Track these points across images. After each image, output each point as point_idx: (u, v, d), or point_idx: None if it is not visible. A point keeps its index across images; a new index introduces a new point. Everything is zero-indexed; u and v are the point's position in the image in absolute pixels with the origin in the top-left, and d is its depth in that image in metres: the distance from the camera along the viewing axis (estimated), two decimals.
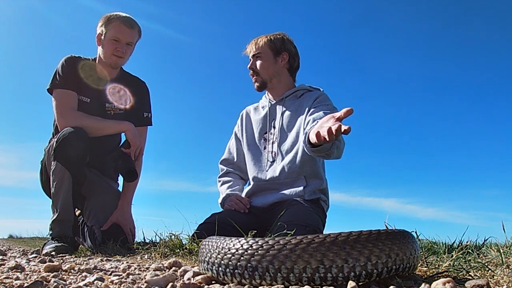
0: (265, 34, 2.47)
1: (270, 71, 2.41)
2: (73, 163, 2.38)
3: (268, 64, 2.41)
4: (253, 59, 2.44)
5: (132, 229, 2.69)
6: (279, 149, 2.33)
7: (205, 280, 1.04)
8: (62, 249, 2.29)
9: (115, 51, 2.60)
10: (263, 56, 2.41)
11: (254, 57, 2.43)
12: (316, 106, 2.25)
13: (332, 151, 1.88)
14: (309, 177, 2.27)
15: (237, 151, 2.57)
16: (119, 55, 2.62)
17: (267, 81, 2.43)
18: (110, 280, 1.11)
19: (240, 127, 2.60)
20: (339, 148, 1.96)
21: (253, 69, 2.43)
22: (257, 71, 2.42)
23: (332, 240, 0.89)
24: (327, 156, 1.93)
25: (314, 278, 0.87)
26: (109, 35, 2.59)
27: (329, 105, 2.26)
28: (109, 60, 2.64)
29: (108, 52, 2.62)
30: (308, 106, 2.30)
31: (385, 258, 0.91)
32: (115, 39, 2.59)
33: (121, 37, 2.59)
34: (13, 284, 1.01)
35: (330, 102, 2.33)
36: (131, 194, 2.76)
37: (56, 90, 2.57)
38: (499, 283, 1.02)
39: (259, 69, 2.41)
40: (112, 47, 2.60)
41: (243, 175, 2.57)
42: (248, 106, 2.66)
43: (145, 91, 2.89)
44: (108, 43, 2.60)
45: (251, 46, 2.45)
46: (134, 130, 2.60)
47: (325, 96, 2.36)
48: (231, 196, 2.39)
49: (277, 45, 2.42)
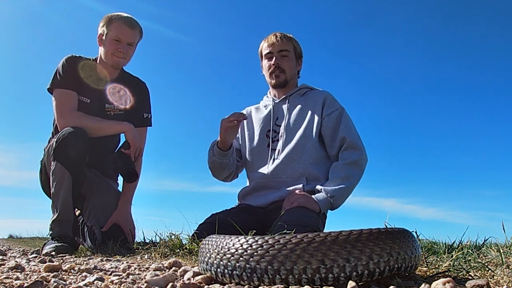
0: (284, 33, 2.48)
1: (293, 72, 2.48)
2: (73, 163, 2.38)
3: (293, 65, 2.47)
4: (278, 55, 2.43)
5: (132, 230, 2.68)
6: (284, 148, 2.34)
7: (205, 280, 1.04)
8: (62, 249, 2.29)
9: (116, 52, 2.60)
10: (290, 56, 2.45)
11: (280, 53, 2.43)
12: (328, 113, 2.34)
13: (334, 201, 2.14)
14: (311, 178, 2.27)
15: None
16: (120, 56, 2.62)
17: (288, 80, 2.46)
18: (110, 280, 1.11)
19: (240, 126, 2.58)
20: (343, 194, 2.17)
21: (279, 65, 2.43)
22: (283, 68, 2.43)
23: (333, 239, 0.88)
24: (334, 204, 2.18)
25: (314, 279, 0.86)
26: (110, 35, 2.59)
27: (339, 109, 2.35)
28: (110, 60, 2.64)
29: (109, 52, 2.61)
30: (317, 108, 2.36)
31: (386, 257, 0.90)
32: (116, 39, 2.58)
33: (122, 37, 2.59)
34: (13, 284, 1.01)
35: (337, 103, 2.39)
36: (131, 194, 2.76)
37: (56, 90, 2.57)
38: (499, 283, 1.02)
39: (286, 67, 2.43)
40: (113, 48, 2.60)
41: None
42: (247, 107, 2.67)
43: (145, 92, 2.88)
44: (109, 43, 2.60)
45: (279, 41, 2.44)
46: (134, 130, 2.60)
47: (332, 98, 2.41)
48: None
49: (298, 50, 2.51)
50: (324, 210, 2.16)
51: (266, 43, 2.47)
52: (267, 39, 2.48)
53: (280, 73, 2.43)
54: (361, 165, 2.25)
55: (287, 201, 2.14)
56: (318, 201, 2.12)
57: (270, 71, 2.44)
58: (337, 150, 2.31)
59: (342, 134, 2.28)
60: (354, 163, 2.22)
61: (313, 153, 2.30)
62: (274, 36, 2.46)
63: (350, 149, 2.26)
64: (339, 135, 2.29)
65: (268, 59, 2.46)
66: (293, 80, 2.49)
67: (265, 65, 2.49)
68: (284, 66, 2.43)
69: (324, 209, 2.15)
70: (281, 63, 2.42)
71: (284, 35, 2.46)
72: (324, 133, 2.34)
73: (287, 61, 2.43)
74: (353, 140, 2.27)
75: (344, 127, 2.30)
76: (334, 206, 2.18)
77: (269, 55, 2.45)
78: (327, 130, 2.32)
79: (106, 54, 2.63)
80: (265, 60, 2.48)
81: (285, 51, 2.43)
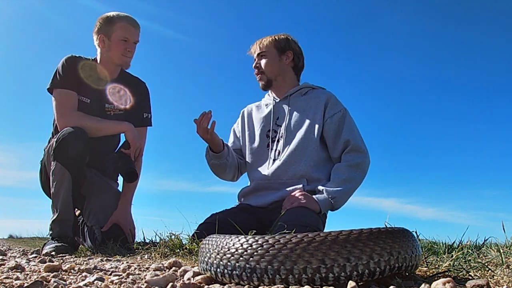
0: (270, 35, 2.48)
1: (275, 69, 2.43)
2: (72, 163, 2.38)
3: (273, 62, 2.42)
4: (257, 58, 2.45)
5: (132, 230, 2.68)
6: (285, 149, 2.33)
7: (205, 280, 1.04)
8: (62, 249, 2.28)
9: (125, 52, 2.60)
10: (268, 55, 2.43)
11: (258, 56, 2.44)
12: (330, 115, 2.31)
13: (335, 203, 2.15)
14: (311, 180, 2.26)
15: (233, 147, 2.57)
16: (129, 56, 2.62)
17: (272, 79, 2.44)
18: (110, 280, 1.11)
19: (241, 125, 2.59)
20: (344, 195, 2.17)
21: (258, 68, 2.43)
22: (262, 69, 2.42)
23: (334, 238, 0.88)
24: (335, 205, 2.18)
25: (314, 279, 0.86)
26: (116, 35, 2.58)
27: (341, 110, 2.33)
28: (119, 61, 2.63)
29: (117, 53, 2.60)
30: (319, 109, 2.33)
31: (387, 256, 0.90)
32: (124, 39, 2.58)
33: (129, 37, 2.59)
34: (13, 284, 1.01)
35: (340, 104, 2.36)
36: (131, 194, 2.76)
37: (56, 90, 2.57)
38: (499, 283, 1.02)
39: (264, 67, 2.42)
40: (121, 48, 2.59)
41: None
42: (249, 105, 2.65)
43: (145, 92, 2.88)
44: (116, 44, 2.59)
45: (255, 46, 2.47)
46: (134, 130, 2.60)
47: (335, 99, 2.38)
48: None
49: (282, 44, 2.44)
50: (324, 210, 2.16)
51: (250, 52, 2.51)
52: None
53: (261, 75, 2.43)
54: (364, 168, 2.24)
55: (288, 201, 2.14)
56: (318, 201, 2.12)
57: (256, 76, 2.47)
58: (340, 152, 2.29)
59: (345, 136, 2.27)
60: (357, 166, 2.21)
61: (314, 155, 2.28)
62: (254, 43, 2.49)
63: (353, 152, 2.25)
64: (342, 138, 2.27)
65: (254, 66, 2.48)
66: (281, 77, 2.44)
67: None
68: (262, 67, 2.42)
69: (324, 210, 2.15)
70: (259, 65, 2.43)
71: (262, 38, 2.48)
72: (327, 135, 2.32)
73: (264, 61, 2.42)
74: (356, 142, 2.26)
75: (348, 130, 2.28)
76: (335, 207, 2.18)
77: (253, 62, 2.48)
78: (330, 132, 2.30)
79: (114, 55, 2.61)
80: None
81: (262, 53, 2.43)
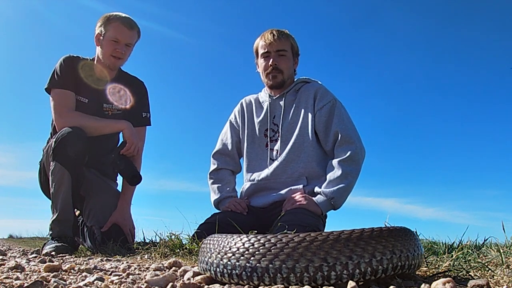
0: (280, 29, 2.38)
1: (290, 72, 2.39)
2: (72, 163, 2.38)
3: (291, 65, 2.38)
4: (275, 55, 2.32)
5: (131, 230, 2.68)
6: (282, 148, 2.31)
7: (205, 280, 1.04)
8: (62, 249, 2.28)
9: (113, 52, 2.59)
10: (288, 55, 2.35)
11: (277, 52, 2.32)
12: (319, 107, 2.27)
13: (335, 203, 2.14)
14: (312, 176, 2.26)
15: (232, 140, 2.52)
16: (118, 56, 2.60)
17: (285, 81, 2.37)
18: (110, 280, 1.11)
19: (240, 117, 2.53)
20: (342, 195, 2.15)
21: (276, 66, 2.32)
22: (281, 68, 2.33)
23: (336, 237, 0.88)
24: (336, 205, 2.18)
25: (316, 277, 0.86)
26: (108, 35, 2.57)
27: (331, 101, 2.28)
28: (107, 61, 2.62)
29: (107, 52, 2.60)
30: (309, 104, 2.30)
31: (389, 255, 0.89)
32: (114, 39, 2.57)
33: (120, 38, 2.57)
34: (13, 284, 1.01)
35: (329, 95, 2.31)
36: (131, 194, 2.76)
37: (54, 90, 2.57)
38: (499, 283, 1.02)
39: (284, 67, 2.33)
40: (111, 48, 2.58)
41: (235, 168, 2.53)
42: (247, 96, 2.59)
43: (143, 91, 2.87)
44: (107, 44, 2.58)
45: (276, 40, 2.31)
46: (132, 128, 2.59)
47: (323, 90, 2.33)
48: (229, 199, 2.37)
49: (296, 48, 2.41)
50: (325, 212, 2.16)
51: (263, 41, 2.35)
52: (264, 36, 2.35)
53: (278, 73, 2.32)
54: (357, 160, 2.17)
55: (288, 202, 2.14)
56: (319, 203, 2.11)
57: (267, 71, 2.33)
58: (332, 145, 2.24)
59: (334, 128, 2.21)
60: (349, 159, 2.15)
61: (311, 151, 2.26)
62: (271, 34, 2.33)
63: (344, 144, 2.19)
64: (332, 130, 2.22)
65: (264, 58, 2.35)
66: (290, 80, 2.39)
67: (261, 64, 2.37)
68: (281, 66, 2.31)
69: (325, 211, 2.15)
70: (278, 63, 2.31)
71: (281, 33, 2.35)
72: (318, 129, 2.27)
73: (284, 61, 2.33)
74: (346, 133, 2.19)
75: (337, 121, 2.23)
76: (336, 207, 2.17)
77: (266, 54, 2.33)
78: (320, 125, 2.26)
79: (103, 54, 2.61)
80: (261, 59, 2.37)
81: (282, 51, 2.32)
